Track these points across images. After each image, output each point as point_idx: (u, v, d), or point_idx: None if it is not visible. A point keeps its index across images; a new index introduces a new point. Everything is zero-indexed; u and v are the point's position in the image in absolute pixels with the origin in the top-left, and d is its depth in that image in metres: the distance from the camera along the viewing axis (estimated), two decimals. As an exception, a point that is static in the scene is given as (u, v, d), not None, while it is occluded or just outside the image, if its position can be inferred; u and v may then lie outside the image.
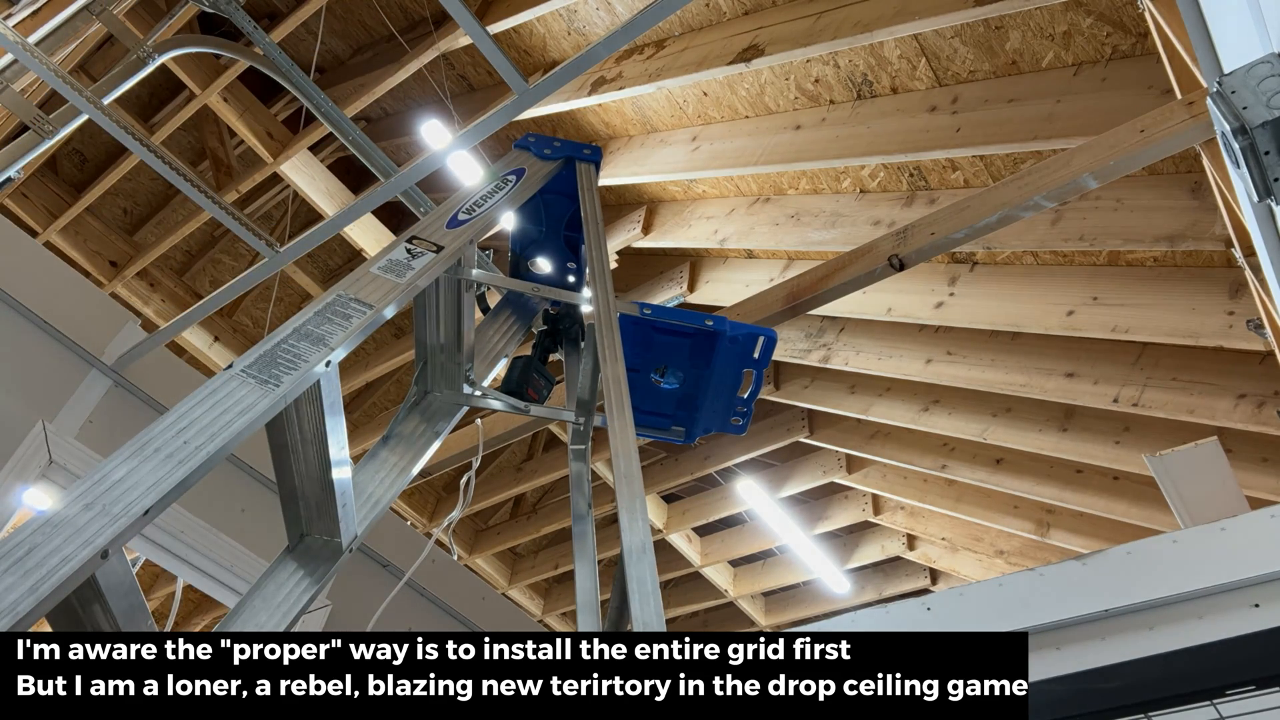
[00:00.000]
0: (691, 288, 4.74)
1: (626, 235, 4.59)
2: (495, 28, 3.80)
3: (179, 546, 2.46)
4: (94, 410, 2.42)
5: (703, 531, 6.57)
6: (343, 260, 5.53)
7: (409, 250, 1.45)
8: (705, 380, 1.83)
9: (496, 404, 1.75)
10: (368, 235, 4.49)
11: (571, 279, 2.05)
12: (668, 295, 4.78)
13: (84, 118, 3.29)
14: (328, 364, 1.19)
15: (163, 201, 5.22)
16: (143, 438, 0.99)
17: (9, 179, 3.40)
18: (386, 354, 5.36)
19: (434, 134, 4.24)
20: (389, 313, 1.33)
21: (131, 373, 2.51)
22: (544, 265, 2.05)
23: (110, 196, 5.08)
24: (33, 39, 2.78)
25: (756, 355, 1.82)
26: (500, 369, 1.89)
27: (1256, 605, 2.24)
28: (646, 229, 4.57)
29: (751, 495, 5.74)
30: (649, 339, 1.79)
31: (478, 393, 1.73)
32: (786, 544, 6.14)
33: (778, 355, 4.74)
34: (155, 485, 0.94)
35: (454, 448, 3.47)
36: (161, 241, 4.96)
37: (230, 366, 1.13)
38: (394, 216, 4.96)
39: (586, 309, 1.92)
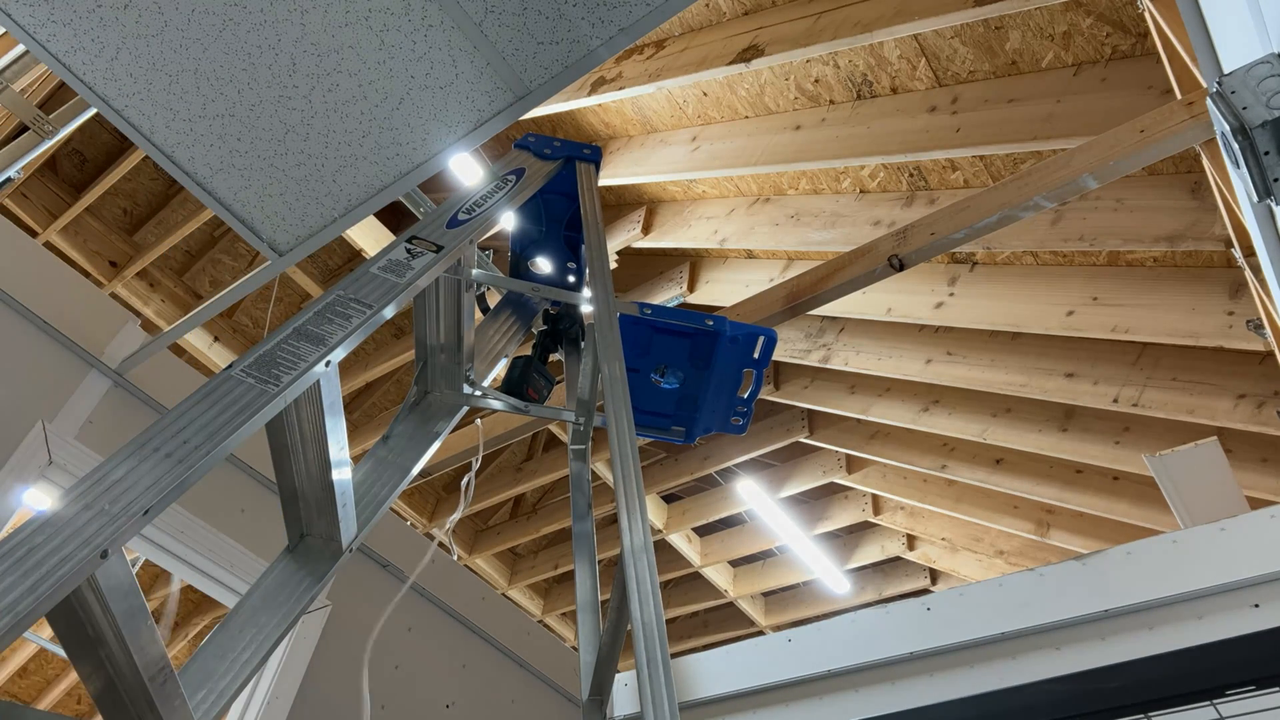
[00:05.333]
0: (691, 288, 4.74)
1: (626, 235, 4.59)
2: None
3: (179, 547, 2.46)
4: (94, 410, 2.42)
5: (703, 531, 6.57)
6: (343, 260, 5.53)
7: (409, 250, 1.45)
8: (705, 380, 1.83)
9: (496, 404, 1.75)
10: (368, 236, 4.49)
11: (571, 279, 2.05)
12: (668, 295, 4.78)
13: (84, 117, 3.29)
14: (327, 364, 1.18)
15: (163, 201, 5.22)
16: (142, 438, 0.98)
17: (9, 179, 3.40)
18: (386, 354, 5.36)
19: (434, 134, 4.24)
20: (389, 313, 1.33)
21: (131, 373, 2.51)
22: (544, 265, 2.05)
23: (110, 196, 5.08)
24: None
25: (757, 355, 1.82)
26: (500, 369, 1.89)
27: (1256, 605, 2.25)
28: (646, 229, 4.57)
29: (751, 495, 5.74)
30: (649, 339, 1.79)
31: (478, 393, 1.73)
32: (786, 544, 6.14)
33: (778, 355, 4.74)
34: (155, 485, 0.93)
35: (454, 448, 3.48)
36: (161, 242, 4.96)
37: (230, 367, 1.13)
38: (394, 217, 4.96)
39: (586, 309, 1.92)
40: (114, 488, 0.91)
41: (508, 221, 1.99)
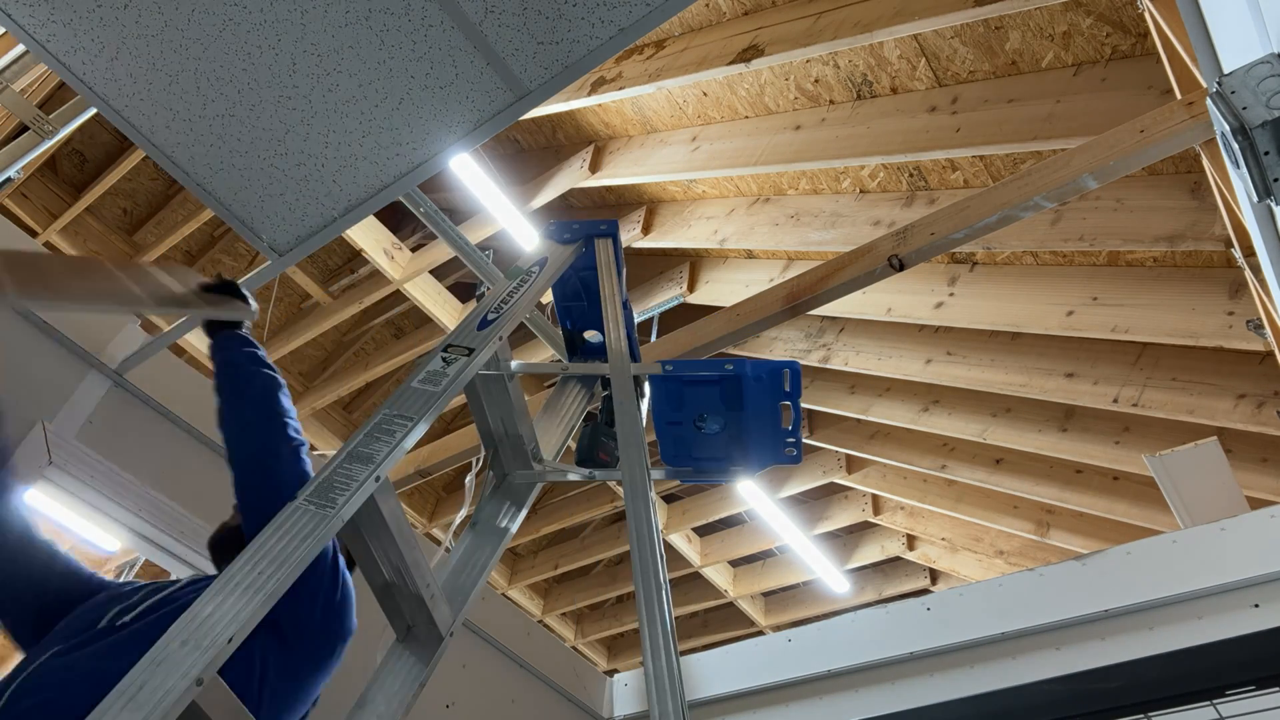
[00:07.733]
0: (691, 288, 4.74)
1: (626, 236, 4.59)
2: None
3: (179, 547, 2.46)
4: (94, 410, 2.41)
5: (703, 531, 6.57)
6: (342, 261, 5.53)
7: (444, 359, 1.56)
8: (743, 420, 1.86)
9: (573, 476, 1.83)
10: (368, 236, 4.50)
11: None
12: (667, 295, 4.78)
13: (84, 117, 3.29)
14: (377, 479, 1.30)
15: (163, 201, 5.23)
16: (226, 575, 1.12)
17: (9, 179, 3.40)
18: (386, 354, 5.36)
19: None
20: (429, 419, 1.44)
21: (131, 373, 2.50)
22: (594, 336, 2.15)
23: (110, 196, 5.08)
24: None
25: (787, 388, 1.84)
26: (573, 436, 1.98)
27: (1256, 605, 2.25)
28: (646, 229, 4.57)
29: (751, 495, 5.74)
30: (680, 392, 1.84)
31: (549, 469, 1.80)
32: (786, 544, 6.14)
33: (778, 355, 4.74)
34: (236, 616, 1.08)
35: (454, 448, 3.48)
36: (161, 242, 4.96)
37: (296, 498, 1.25)
38: (394, 216, 4.96)
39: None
40: (204, 624, 1.06)
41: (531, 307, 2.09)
